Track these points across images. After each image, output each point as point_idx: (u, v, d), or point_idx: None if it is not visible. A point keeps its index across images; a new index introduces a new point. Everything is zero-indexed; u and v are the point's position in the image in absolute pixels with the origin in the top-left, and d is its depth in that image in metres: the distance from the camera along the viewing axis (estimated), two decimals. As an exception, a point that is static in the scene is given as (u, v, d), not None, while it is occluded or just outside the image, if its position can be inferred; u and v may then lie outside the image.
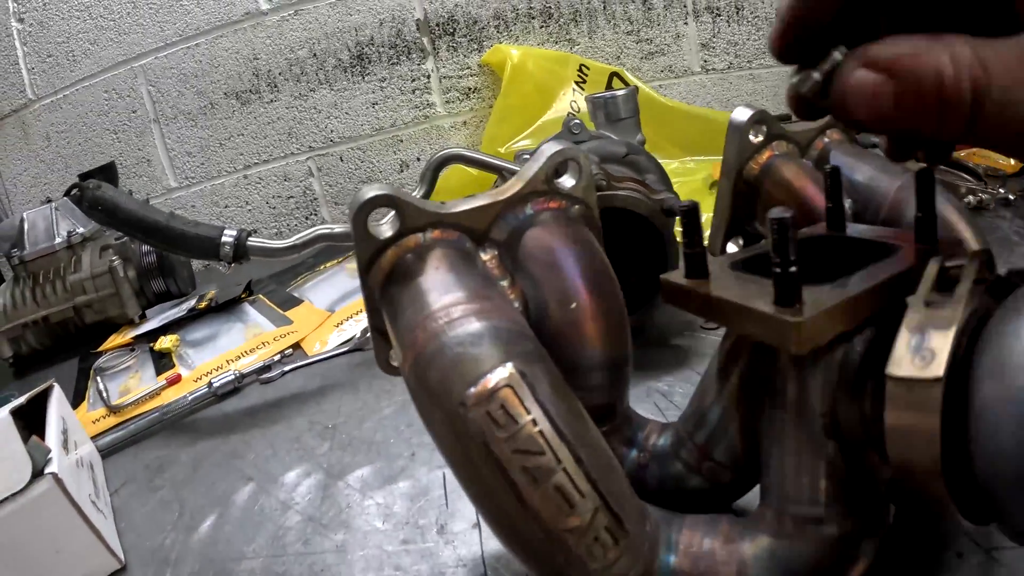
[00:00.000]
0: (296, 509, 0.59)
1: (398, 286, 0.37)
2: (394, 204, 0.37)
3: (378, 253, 0.38)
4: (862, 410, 0.32)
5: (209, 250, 0.83)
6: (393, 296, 0.37)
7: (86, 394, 0.96)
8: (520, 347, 0.32)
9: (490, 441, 0.30)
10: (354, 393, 0.78)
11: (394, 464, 0.62)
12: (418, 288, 0.36)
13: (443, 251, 0.38)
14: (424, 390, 0.32)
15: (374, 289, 0.39)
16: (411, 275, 0.37)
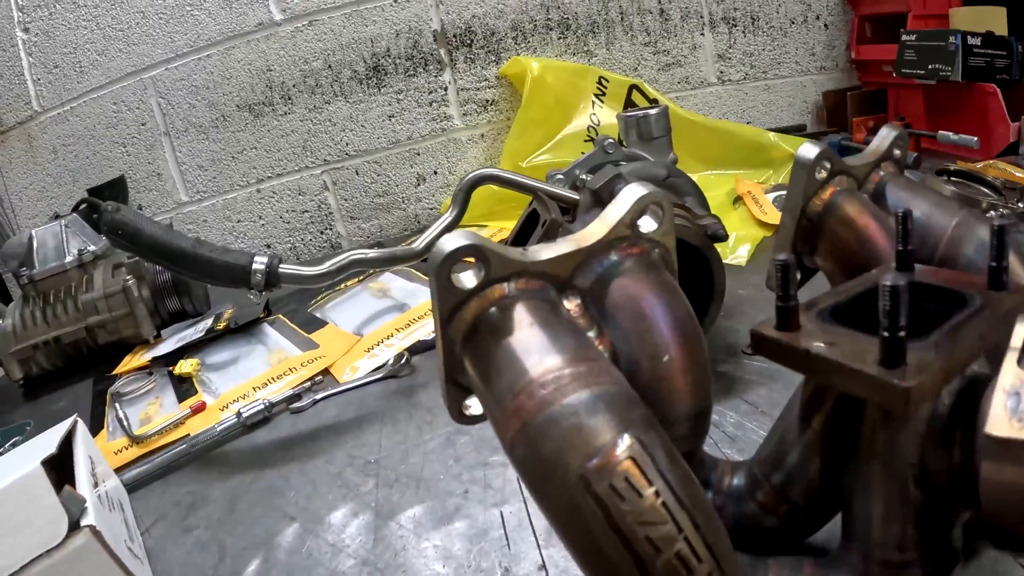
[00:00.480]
0: (348, 552, 0.55)
1: (487, 342, 0.35)
2: (479, 254, 0.35)
3: (460, 304, 0.36)
4: (950, 459, 0.33)
5: (240, 278, 0.79)
6: (482, 352, 0.36)
7: (104, 420, 0.92)
8: (634, 414, 0.31)
9: (614, 514, 0.29)
10: (393, 424, 0.74)
11: (447, 503, 0.59)
12: (513, 347, 0.34)
13: (532, 304, 0.36)
14: (536, 461, 0.31)
15: (455, 342, 0.37)
16: (501, 331, 0.35)
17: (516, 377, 0.33)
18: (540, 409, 0.31)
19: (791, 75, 1.75)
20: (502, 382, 0.33)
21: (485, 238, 0.36)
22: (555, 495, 0.30)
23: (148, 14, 1.52)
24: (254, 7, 1.50)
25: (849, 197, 0.51)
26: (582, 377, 0.32)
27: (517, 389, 0.32)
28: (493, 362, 0.35)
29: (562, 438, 0.30)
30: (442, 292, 0.35)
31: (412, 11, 1.51)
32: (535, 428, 0.31)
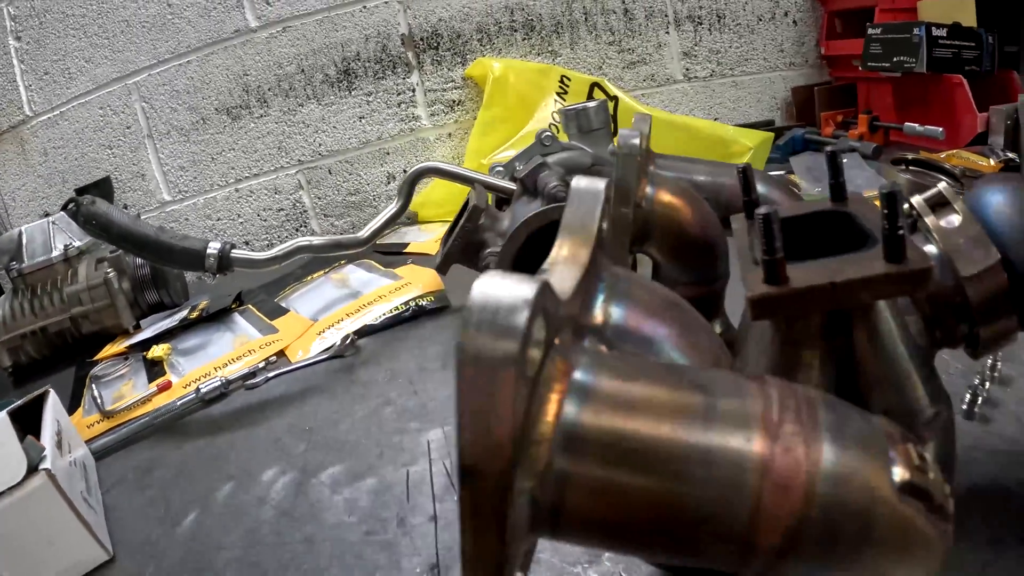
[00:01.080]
0: (271, 504, 0.64)
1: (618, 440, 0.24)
2: (544, 306, 0.23)
3: (529, 399, 0.23)
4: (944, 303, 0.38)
5: (195, 262, 0.88)
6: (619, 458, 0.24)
7: (82, 401, 1.00)
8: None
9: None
10: (332, 397, 0.83)
11: (363, 462, 0.67)
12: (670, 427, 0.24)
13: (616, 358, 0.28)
14: (848, 515, 0.24)
15: (541, 465, 0.24)
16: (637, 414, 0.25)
17: (736, 461, 0.23)
18: (815, 459, 0.24)
19: (759, 71, 1.80)
20: (708, 485, 0.23)
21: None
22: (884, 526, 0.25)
23: (132, 23, 1.61)
24: (231, 15, 1.58)
25: (663, 180, 0.56)
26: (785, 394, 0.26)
27: (750, 467, 0.23)
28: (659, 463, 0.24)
29: (857, 470, 0.24)
30: (511, 397, 0.21)
31: (381, 16, 1.59)
32: (826, 486, 0.23)
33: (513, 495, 0.22)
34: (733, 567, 0.25)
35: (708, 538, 0.24)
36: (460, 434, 0.21)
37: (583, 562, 0.48)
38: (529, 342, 0.21)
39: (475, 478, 0.21)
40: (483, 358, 0.20)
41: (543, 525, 0.24)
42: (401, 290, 1.05)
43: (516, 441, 0.21)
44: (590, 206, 0.33)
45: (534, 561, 0.49)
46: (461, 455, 0.21)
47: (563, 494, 0.24)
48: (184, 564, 0.59)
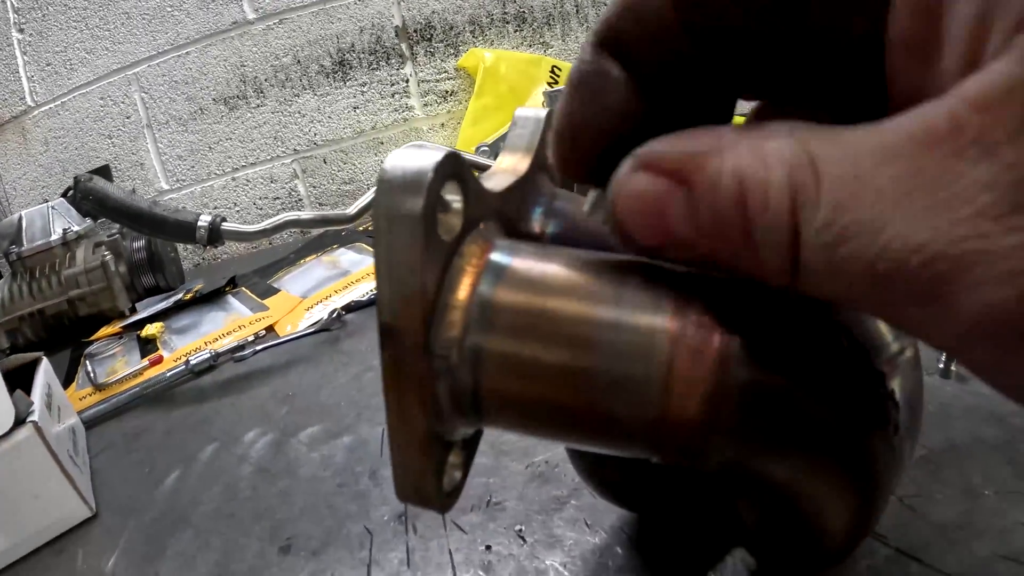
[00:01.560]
0: (250, 462, 0.66)
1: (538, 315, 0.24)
2: (462, 178, 0.24)
3: (445, 266, 0.24)
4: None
5: (187, 233, 0.90)
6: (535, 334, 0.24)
7: (76, 377, 1.03)
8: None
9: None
10: (316, 367, 0.85)
11: (341, 423, 0.69)
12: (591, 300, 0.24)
13: (545, 251, 0.27)
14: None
15: (454, 340, 0.24)
16: (556, 289, 0.25)
17: (647, 331, 0.23)
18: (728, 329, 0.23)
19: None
20: (619, 355, 0.23)
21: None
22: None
23: (132, 15, 1.63)
24: (229, 7, 1.61)
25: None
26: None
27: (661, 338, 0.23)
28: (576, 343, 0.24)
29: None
30: (420, 249, 0.22)
31: (375, 8, 1.62)
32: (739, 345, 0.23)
33: (431, 358, 0.23)
34: (656, 447, 0.24)
35: (623, 410, 0.23)
36: (378, 293, 0.22)
37: (548, 509, 0.50)
38: (438, 205, 0.23)
39: (392, 337, 0.22)
40: (392, 213, 0.22)
41: (465, 405, 0.25)
42: (388, 269, 1.07)
43: (430, 299, 0.23)
44: (532, 129, 0.33)
45: (499, 509, 0.51)
46: (379, 313, 0.22)
47: (479, 368, 0.24)
48: (164, 518, 0.61)
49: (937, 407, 0.50)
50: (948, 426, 0.48)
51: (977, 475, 0.43)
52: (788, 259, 0.17)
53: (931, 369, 0.54)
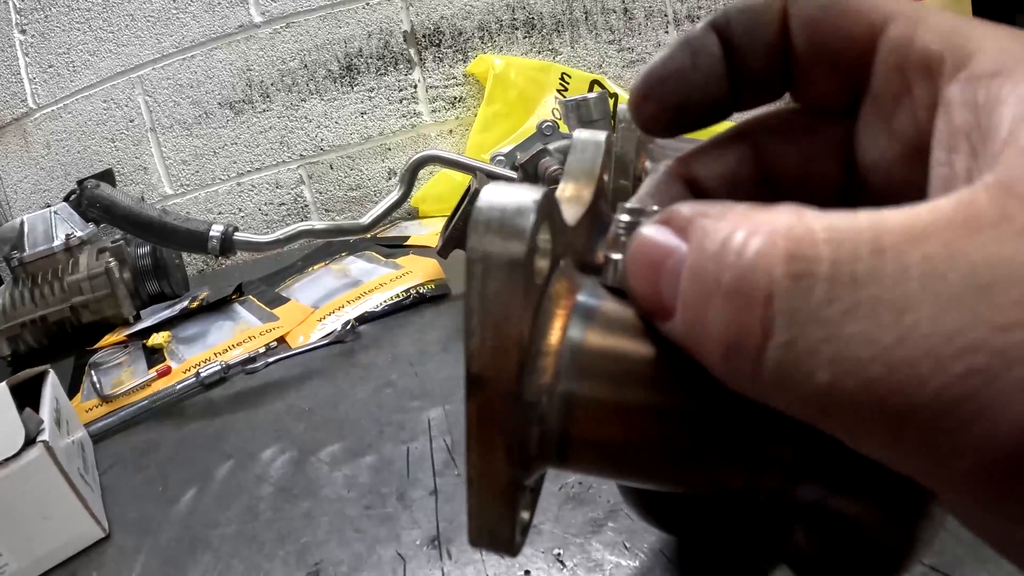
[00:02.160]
0: (270, 481, 0.64)
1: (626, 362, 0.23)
2: (552, 216, 0.23)
3: (536, 309, 0.22)
4: None
5: (198, 243, 0.88)
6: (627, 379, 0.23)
7: (80, 387, 1.00)
8: None
9: None
10: (331, 380, 0.82)
11: (363, 440, 0.67)
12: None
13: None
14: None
15: (544, 388, 0.22)
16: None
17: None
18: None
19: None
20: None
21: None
22: None
23: (137, 17, 1.61)
24: (235, 10, 1.59)
25: (661, 155, 0.56)
26: None
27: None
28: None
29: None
30: (520, 297, 0.20)
31: (383, 13, 1.60)
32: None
33: (522, 408, 0.22)
34: (747, 482, 0.23)
35: (722, 451, 0.23)
36: (468, 340, 0.21)
37: (586, 532, 0.48)
38: (536, 247, 0.21)
39: (482, 386, 0.20)
40: (491, 258, 0.20)
41: (551, 450, 0.24)
42: (401, 278, 1.05)
43: (525, 347, 0.21)
44: (592, 153, 0.32)
45: (536, 532, 0.49)
46: (468, 362, 0.20)
47: (570, 414, 0.23)
48: (180, 540, 0.59)
49: None
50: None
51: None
52: (758, 334, 0.15)
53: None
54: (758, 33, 0.23)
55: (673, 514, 0.42)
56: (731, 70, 0.23)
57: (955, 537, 0.38)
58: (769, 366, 0.15)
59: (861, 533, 0.25)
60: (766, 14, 0.23)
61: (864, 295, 0.13)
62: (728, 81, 0.24)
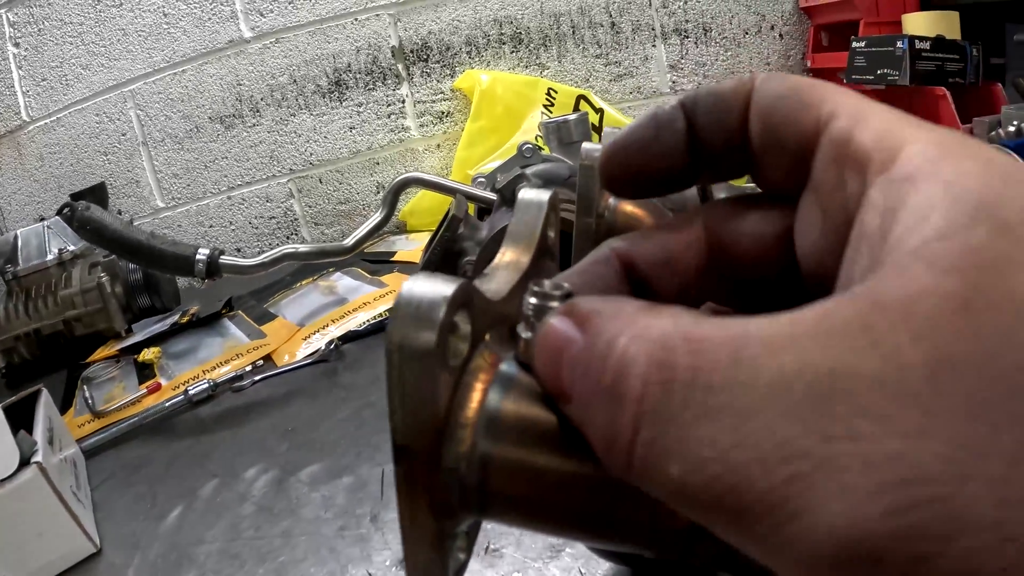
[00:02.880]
0: (252, 500, 0.67)
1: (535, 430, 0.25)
2: (469, 300, 0.24)
3: (453, 391, 0.24)
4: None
5: (184, 267, 0.91)
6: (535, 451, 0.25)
7: (73, 402, 1.03)
8: None
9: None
10: (314, 399, 0.86)
11: (341, 461, 0.70)
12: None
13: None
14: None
15: (462, 458, 0.24)
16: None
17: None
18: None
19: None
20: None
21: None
22: None
23: (129, 32, 1.64)
24: (225, 25, 1.62)
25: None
26: None
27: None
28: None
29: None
30: (433, 380, 0.22)
31: (372, 28, 1.63)
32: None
33: (442, 473, 0.25)
34: (648, 548, 0.27)
35: (621, 517, 0.25)
36: (391, 416, 0.23)
37: (544, 557, 0.52)
38: (448, 334, 0.24)
39: (406, 455, 0.23)
40: (406, 347, 0.23)
41: (472, 504, 0.27)
42: (385, 297, 1.08)
43: (441, 423, 0.24)
44: (534, 215, 0.34)
45: (496, 556, 0.52)
46: (393, 435, 0.23)
47: (486, 474, 0.25)
48: (167, 556, 0.62)
49: None
50: None
51: None
52: (627, 434, 0.17)
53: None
54: (722, 115, 0.24)
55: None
56: (692, 146, 0.25)
57: None
58: (636, 460, 0.17)
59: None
60: (732, 99, 0.25)
61: (714, 402, 0.15)
62: (688, 155, 0.25)
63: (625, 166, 0.26)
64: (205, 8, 1.61)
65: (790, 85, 0.23)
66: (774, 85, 0.23)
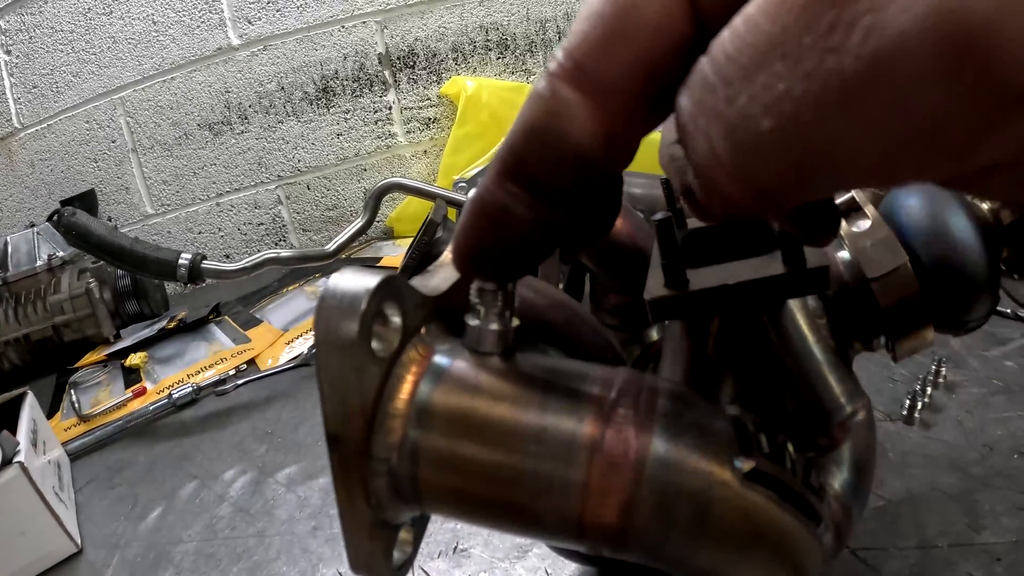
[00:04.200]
0: (229, 501, 0.69)
1: (469, 422, 0.27)
2: (397, 294, 0.26)
3: (382, 382, 0.26)
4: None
5: (167, 271, 0.93)
6: (467, 440, 0.27)
7: (60, 406, 1.05)
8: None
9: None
10: (295, 403, 0.87)
11: (318, 463, 0.72)
12: (521, 408, 0.27)
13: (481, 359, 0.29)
14: (681, 500, 0.26)
15: (393, 447, 0.26)
16: (489, 395, 0.27)
17: (567, 439, 0.26)
18: (646, 442, 0.25)
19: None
20: (540, 459, 0.26)
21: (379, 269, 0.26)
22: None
23: (118, 39, 1.66)
24: (214, 33, 1.64)
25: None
26: (635, 390, 0.27)
27: (580, 445, 0.26)
28: (501, 445, 0.26)
29: (692, 455, 0.26)
30: (357, 370, 0.24)
31: (359, 36, 1.65)
32: (657, 468, 0.25)
33: (372, 461, 0.26)
34: (579, 543, 0.27)
35: (546, 512, 0.26)
36: (322, 405, 0.25)
37: (511, 557, 0.53)
38: (375, 325, 0.25)
39: (338, 444, 0.25)
40: (330, 338, 0.24)
41: (406, 494, 0.27)
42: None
43: (369, 413, 0.25)
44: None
45: (464, 555, 0.54)
46: (325, 423, 0.25)
47: (416, 465, 0.26)
48: (146, 556, 0.64)
49: (898, 455, 0.53)
50: (907, 475, 0.51)
51: (933, 526, 0.46)
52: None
53: (895, 415, 0.57)
54: (558, 151, 0.22)
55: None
56: (552, 205, 0.24)
57: (875, 572, 0.43)
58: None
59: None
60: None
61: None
62: (548, 223, 0.24)
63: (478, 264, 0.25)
64: (194, 16, 1.63)
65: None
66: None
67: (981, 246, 0.38)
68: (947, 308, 0.38)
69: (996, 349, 0.63)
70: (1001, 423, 0.54)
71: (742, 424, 0.28)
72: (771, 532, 0.26)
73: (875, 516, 0.47)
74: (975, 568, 0.42)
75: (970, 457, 0.51)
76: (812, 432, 0.34)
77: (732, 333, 0.33)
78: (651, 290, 0.30)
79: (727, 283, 0.29)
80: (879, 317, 0.38)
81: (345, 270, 0.26)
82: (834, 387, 0.35)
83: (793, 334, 0.34)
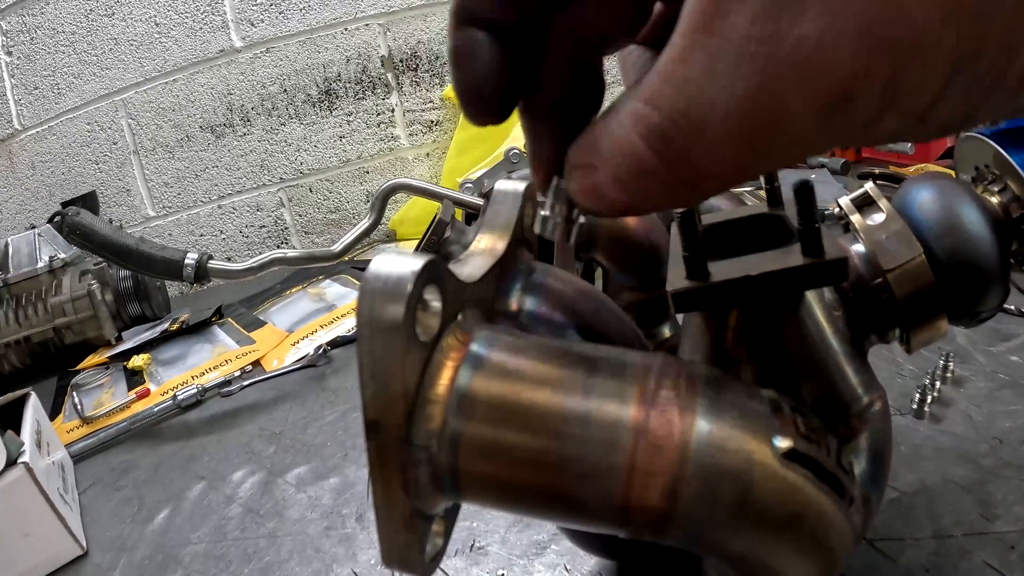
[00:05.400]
0: (239, 502, 0.68)
1: (513, 410, 0.27)
2: (440, 280, 0.26)
3: (423, 367, 0.26)
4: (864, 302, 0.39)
5: (174, 271, 0.92)
6: (511, 428, 0.27)
7: (63, 408, 1.04)
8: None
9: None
10: (302, 404, 0.86)
11: (328, 463, 0.71)
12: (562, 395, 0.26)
13: (518, 338, 0.29)
14: (727, 478, 0.25)
15: (433, 434, 0.26)
16: (531, 381, 0.27)
17: (612, 422, 0.26)
18: (689, 424, 0.26)
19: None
20: (585, 444, 0.26)
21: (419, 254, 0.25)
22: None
23: (120, 41, 1.65)
24: (216, 35, 1.63)
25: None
26: (674, 371, 0.27)
27: (626, 428, 0.25)
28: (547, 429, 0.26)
29: (734, 435, 0.26)
30: (401, 354, 0.24)
31: (361, 38, 1.64)
32: (701, 449, 0.25)
33: (413, 449, 0.25)
34: (621, 528, 0.26)
35: (590, 496, 0.26)
36: (362, 391, 0.24)
37: (530, 554, 0.52)
38: (418, 309, 0.24)
39: (377, 431, 0.24)
40: (375, 321, 0.24)
41: (445, 484, 0.27)
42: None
43: (411, 398, 0.25)
44: (511, 205, 0.36)
45: (482, 553, 0.53)
46: (364, 409, 0.24)
47: (457, 453, 0.26)
48: (153, 558, 0.63)
49: (910, 448, 0.53)
50: (920, 467, 0.51)
51: (947, 517, 0.46)
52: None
53: (905, 409, 0.57)
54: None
55: (609, 542, 0.46)
56: (509, 37, 0.26)
57: (892, 563, 0.43)
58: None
59: (753, 571, 0.28)
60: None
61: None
62: (514, 48, 0.26)
63: (474, 100, 0.27)
64: (196, 18, 1.62)
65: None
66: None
67: (993, 238, 0.39)
68: (960, 299, 0.39)
69: (1001, 344, 0.64)
70: (1009, 416, 0.54)
71: (780, 405, 0.28)
72: (809, 512, 0.26)
73: (890, 507, 0.48)
74: (990, 556, 0.42)
75: (980, 449, 0.52)
76: (830, 422, 0.34)
77: (751, 325, 0.33)
78: (673, 282, 0.31)
79: (749, 274, 0.30)
80: (894, 308, 0.38)
81: (386, 253, 0.25)
82: (851, 378, 0.35)
83: (811, 326, 0.35)
